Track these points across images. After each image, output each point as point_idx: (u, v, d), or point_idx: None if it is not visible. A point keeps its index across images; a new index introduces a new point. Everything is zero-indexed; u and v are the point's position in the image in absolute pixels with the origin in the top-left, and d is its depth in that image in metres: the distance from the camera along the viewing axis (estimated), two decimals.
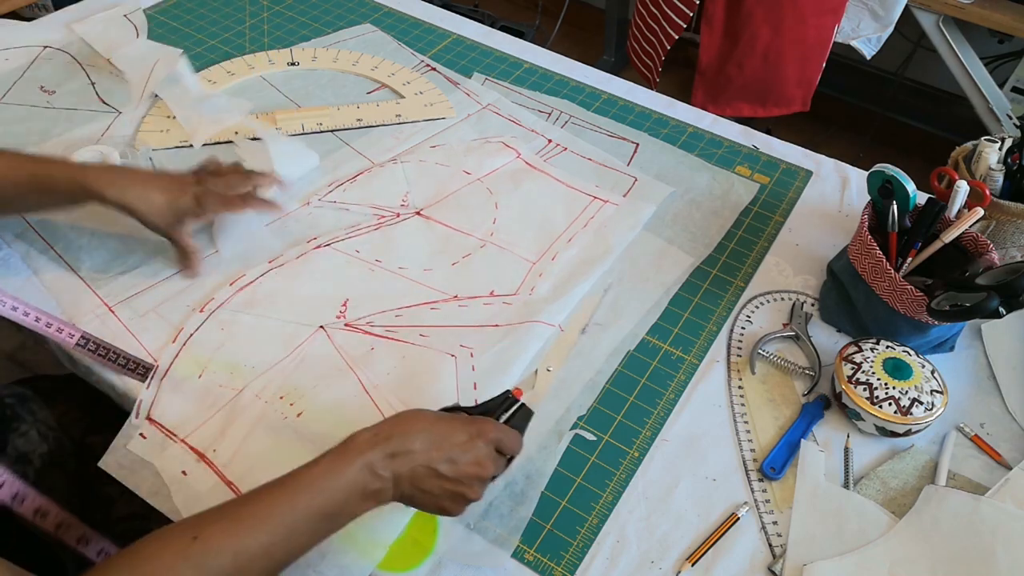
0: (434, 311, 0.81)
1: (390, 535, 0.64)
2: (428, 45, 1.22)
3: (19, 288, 0.81)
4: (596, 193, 0.96)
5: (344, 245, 0.87)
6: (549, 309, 0.81)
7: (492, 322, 0.80)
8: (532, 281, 0.85)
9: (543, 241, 0.90)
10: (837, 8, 1.58)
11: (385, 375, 0.75)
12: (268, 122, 1.03)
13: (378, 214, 0.91)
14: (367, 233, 0.89)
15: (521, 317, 0.80)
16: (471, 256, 0.87)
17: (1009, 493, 0.68)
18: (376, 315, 0.80)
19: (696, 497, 0.69)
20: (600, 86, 1.16)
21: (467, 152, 1.01)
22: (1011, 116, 1.79)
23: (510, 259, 0.87)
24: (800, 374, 0.78)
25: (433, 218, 0.92)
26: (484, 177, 0.97)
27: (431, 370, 0.75)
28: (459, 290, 0.84)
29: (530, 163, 1.00)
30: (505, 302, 0.82)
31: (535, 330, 0.79)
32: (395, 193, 0.94)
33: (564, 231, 0.91)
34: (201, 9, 1.25)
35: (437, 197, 0.94)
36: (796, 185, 1.01)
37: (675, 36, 1.64)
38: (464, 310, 0.81)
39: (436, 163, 0.99)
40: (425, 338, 0.78)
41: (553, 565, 0.64)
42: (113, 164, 0.90)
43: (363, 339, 0.78)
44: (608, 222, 0.92)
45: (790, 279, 0.89)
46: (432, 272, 0.85)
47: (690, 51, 2.40)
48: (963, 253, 0.78)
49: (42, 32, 1.16)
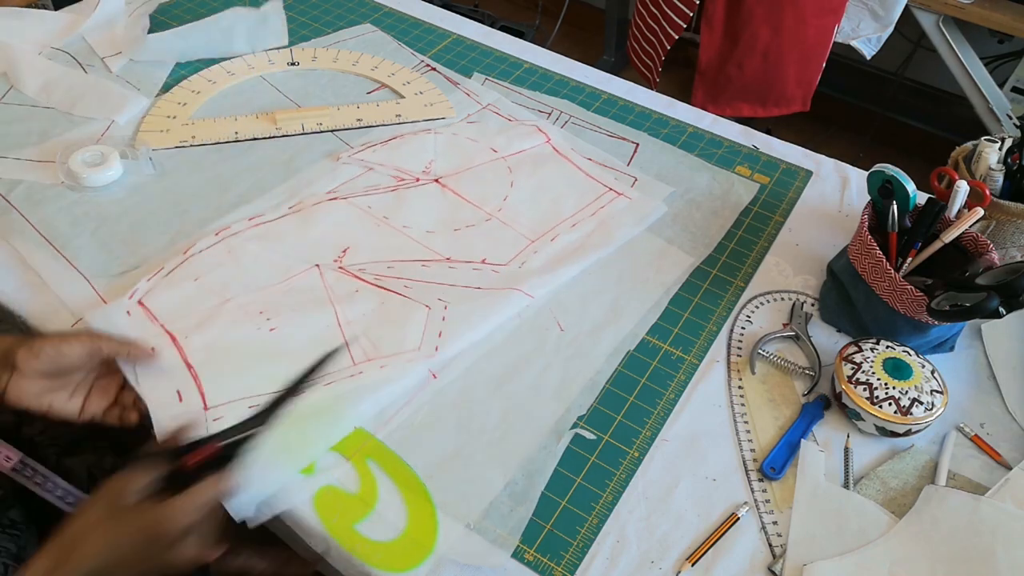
0: (424, 268, 0.85)
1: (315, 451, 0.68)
2: (428, 45, 1.22)
3: (19, 288, 0.81)
4: (613, 185, 0.98)
5: (359, 200, 0.92)
6: (532, 281, 0.83)
7: (475, 284, 0.83)
8: (525, 256, 0.88)
9: (547, 222, 0.92)
10: (837, 8, 1.58)
11: (361, 315, 0.79)
12: (268, 122, 1.03)
13: (399, 176, 0.96)
14: (383, 193, 0.94)
15: (504, 285, 0.83)
16: (474, 227, 0.91)
17: (1009, 493, 0.68)
18: (370, 264, 0.85)
19: (696, 497, 0.69)
20: (600, 86, 1.16)
21: (499, 131, 1.04)
22: (1011, 116, 1.79)
23: (510, 234, 0.91)
24: (800, 374, 0.78)
25: (449, 187, 0.96)
26: (508, 156, 1.01)
27: (402, 316, 0.79)
28: (454, 253, 0.87)
29: (557, 148, 1.03)
30: (494, 270, 0.86)
31: (512, 297, 0.82)
32: (421, 159, 0.99)
33: (570, 216, 0.93)
34: (201, 9, 1.25)
35: (459, 168, 0.99)
36: (796, 185, 1.01)
37: (675, 36, 1.64)
38: (452, 271, 0.85)
39: (467, 138, 1.03)
40: (408, 289, 0.82)
41: (553, 565, 0.64)
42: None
43: (352, 282, 0.83)
44: (616, 214, 0.94)
45: (790, 279, 0.89)
46: (433, 235, 0.90)
47: (690, 51, 2.40)
48: (963, 253, 0.78)
49: (43, 31, 1.16)
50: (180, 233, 0.88)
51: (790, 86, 1.68)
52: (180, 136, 1.00)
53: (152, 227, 0.88)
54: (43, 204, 0.90)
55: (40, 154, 0.96)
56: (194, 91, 1.08)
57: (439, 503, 0.67)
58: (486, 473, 0.69)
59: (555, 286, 0.84)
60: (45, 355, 0.64)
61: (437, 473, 0.69)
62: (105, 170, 0.92)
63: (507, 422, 0.73)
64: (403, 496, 0.67)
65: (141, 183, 0.94)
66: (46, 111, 1.03)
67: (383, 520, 0.65)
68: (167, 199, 0.92)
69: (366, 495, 0.67)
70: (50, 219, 0.88)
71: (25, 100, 1.04)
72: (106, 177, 0.92)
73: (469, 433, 0.72)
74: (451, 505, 0.66)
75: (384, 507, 0.66)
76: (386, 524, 0.65)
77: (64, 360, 0.64)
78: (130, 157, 0.95)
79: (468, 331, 0.78)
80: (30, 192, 0.91)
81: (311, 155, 1.00)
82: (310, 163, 0.98)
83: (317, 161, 0.99)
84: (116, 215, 0.90)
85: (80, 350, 0.65)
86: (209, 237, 0.85)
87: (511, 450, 0.71)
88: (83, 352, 0.65)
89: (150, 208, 0.91)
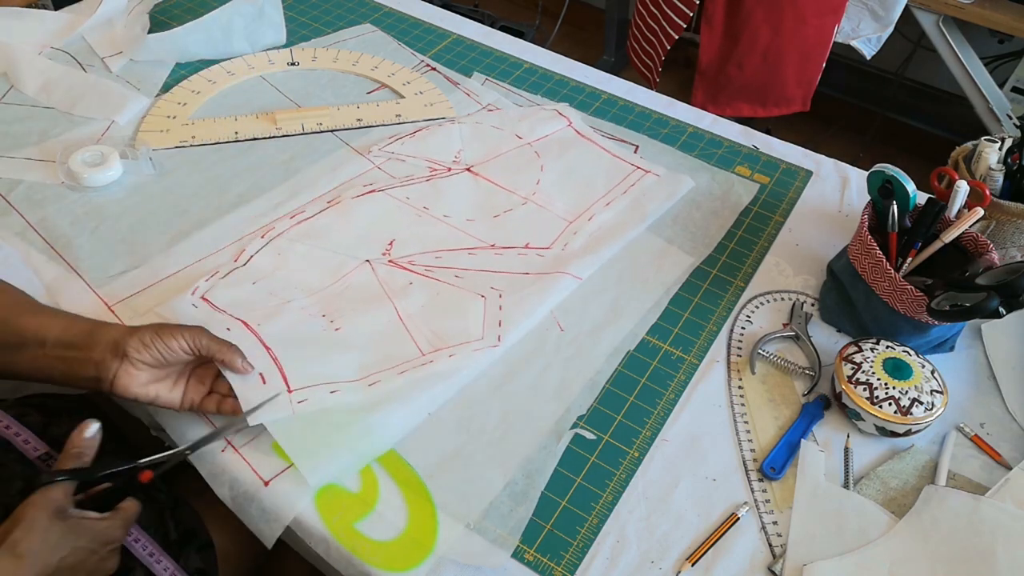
0: (471, 256, 0.87)
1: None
2: (428, 45, 1.22)
3: (19, 288, 0.81)
4: (638, 163, 1.00)
5: (397, 192, 0.94)
6: (578, 263, 0.85)
7: (523, 270, 0.85)
8: (566, 238, 0.90)
9: (582, 203, 0.95)
10: (837, 8, 1.58)
11: (420, 307, 0.81)
12: (268, 122, 1.03)
13: (431, 166, 0.98)
14: (419, 183, 0.95)
15: (551, 268, 0.85)
16: (512, 211, 0.93)
17: (1009, 493, 0.68)
18: (418, 255, 0.86)
19: (696, 497, 0.69)
20: (600, 86, 1.16)
21: (521, 118, 1.06)
22: (1011, 116, 1.79)
23: (548, 217, 0.93)
24: (800, 374, 0.78)
25: (481, 175, 0.97)
26: (534, 142, 1.03)
27: (460, 306, 0.81)
28: (497, 240, 0.89)
29: (580, 132, 1.05)
30: (539, 254, 0.88)
31: (562, 280, 0.84)
32: (450, 150, 1.01)
33: (603, 195, 0.96)
34: (201, 9, 1.25)
35: (487, 156, 1.00)
36: (796, 185, 1.01)
37: (675, 36, 1.64)
38: (499, 258, 0.87)
39: (491, 125, 1.05)
40: (459, 279, 0.84)
41: (553, 565, 0.64)
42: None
43: (404, 274, 0.84)
44: (647, 191, 0.96)
45: (790, 279, 0.89)
46: (474, 222, 0.91)
47: (690, 51, 2.40)
48: (963, 253, 0.78)
49: (43, 31, 1.16)
50: (180, 233, 0.88)
51: (790, 86, 1.68)
52: (180, 136, 1.00)
53: (152, 227, 0.88)
54: (43, 204, 0.90)
55: (40, 154, 0.96)
56: (194, 91, 1.08)
57: (439, 503, 0.67)
58: (486, 473, 0.69)
59: (600, 265, 0.87)
60: (156, 347, 0.66)
61: (437, 473, 0.69)
62: (105, 170, 0.92)
63: (507, 422, 0.73)
64: (404, 495, 0.67)
65: (141, 183, 0.94)
66: (46, 111, 1.03)
67: (383, 519, 0.65)
68: (167, 199, 0.92)
69: (367, 494, 0.67)
70: (50, 219, 0.88)
71: (25, 100, 1.04)
72: (106, 177, 0.92)
73: (469, 433, 0.72)
74: (451, 505, 0.66)
75: (384, 506, 0.66)
76: (386, 523, 0.65)
77: (171, 354, 0.67)
78: (130, 157, 0.95)
79: (526, 318, 0.80)
80: (30, 192, 0.91)
81: (311, 155, 1.00)
82: (310, 163, 0.98)
83: (317, 161, 0.99)
84: (116, 215, 0.90)
85: (185, 345, 0.67)
86: (256, 240, 0.86)
87: (511, 450, 0.71)
88: (188, 347, 0.67)
89: (150, 208, 0.91)
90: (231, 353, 0.69)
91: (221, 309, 0.77)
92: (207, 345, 0.68)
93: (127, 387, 0.66)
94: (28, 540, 0.55)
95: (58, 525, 0.57)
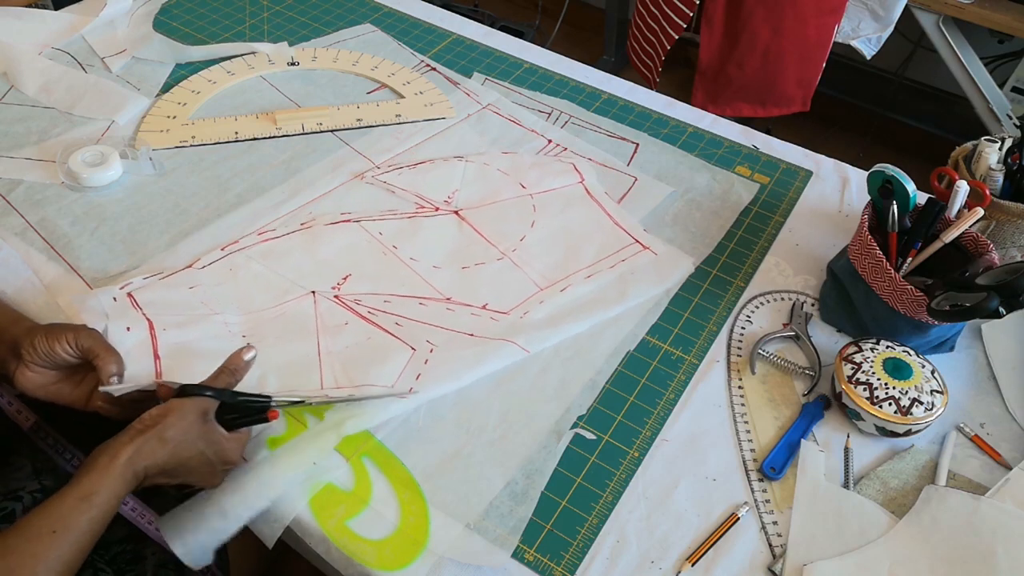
0: (421, 307, 0.82)
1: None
2: (428, 45, 1.22)
3: (19, 288, 0.81)
4: (640, 237, 0.92)
5: (371, 225, 0.90)
6: (530, 336, 0.79)
7: (468, 331, 0.79)
8: (529, 306, 0.83)
9: (561, 270, 0.87)
10: (837, 8, 1.58)
11: (344, 347, 0.78)
12: (268, 122, 1.03)
13: (419, 203, 0.94)
14: (398, 219, 0.92)
15: (500, 335, 0.79)
16: (484, 265, 0.87)
17: (1009, 493, 0.68)
18: (367, 295, 0.83)
19: (696, 497, 0.69)
20: (600, 86, 1.16)
21: (532, 166, 1.00)
22: (1011, 116, 1.79)
23: (519, 278, 0.86)
24: (800, 374, 0.78)
25: (468, 220, 0.92)
26: (536, 194, 0.96)
27: (384, 355, 0.77)
28: (455, 294, 0.84)
29: (590, 190, 0.97)
30: (493, 318, 0.81)
31: (504, 349, 0.77)
32: (446, 188, 0.96)
33: (588, 266, 0.87)
34: (201, 9, 1.25)
35: (482, 202, 0.95)
36: (796, 185, 1.01)
37: (675, 36, 1.64)
38: (449, 314, 0.81)
39: (499, 169, 0.99)
40: (399, 327, 0.80)
41: (553, 565, 0.64)
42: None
43: (344, 313, 0.81)
44: (637, 270, 0.87)
45: (790, 279, 0.89)
46: (440, 270, 0.86)
47: (690, 51, 2.40)
48: (963, 253, 0.78)
49: (43, 31, 1.16)
50: (180, 233, 0.88)
51: (790, 86, 1.68)
52: (180, 136, 1.00)
53: (152, 227, 0.88)
54: (43, 204, 0.90)
55: (40, 154, 0.96)
56: (194, 91, 1.08)
57: (439, 503, 0.67)
58: (486, 473, 0.69)
59: (557, 341, 0.80)
60: (40, 351, 0.66)
61: (437, 473, 0.69)
62: (105, 170, 0.92)
63: (507, 422, 0.73)
64: (396, 493, 0.67)
65: (141, 183, 0.94)
66: (46, 111, 1.03)
67: (376, 517, 0.65)
68: (167, 199, 0.92)
69: (360, 492, 0.67)
70: (50, 219, 0.88)
71: (25, 100, 1.04)
72: (106, 177, 0.92)
73: (469, 433, 0.72)
74: (451, 505, 0.67)
75: (377, 504, 0.66)
76: (379, 521, 0.65)
77: (57, 356, 0.67)
78: (130, 157, 0.95)
79: (448, 379, 0.75)
80: (30, 192, 0.91)
81: (311, 155, 1.00)
82: (310, 163, 0.98)
83: (317, 161, 0.99)
84: (116, 215, 0.90)
85: (68, 347, 0.67)
86: (215, 252, 0.85)
87: (511, 450, 0.71)
88: (70, 350, 0.67)
89: (150, 208, 0.91)
90: (106, 363, 0.68)
91: (138, 307, 0.77)
92: (89, 348, 0.67)
93: (24, 387, 0.67)
94: (176, 429, 0.60)
95: (199, 427, 0.62)
